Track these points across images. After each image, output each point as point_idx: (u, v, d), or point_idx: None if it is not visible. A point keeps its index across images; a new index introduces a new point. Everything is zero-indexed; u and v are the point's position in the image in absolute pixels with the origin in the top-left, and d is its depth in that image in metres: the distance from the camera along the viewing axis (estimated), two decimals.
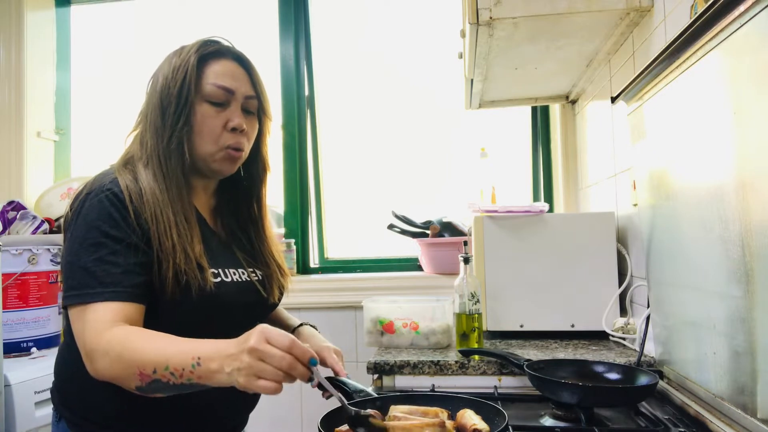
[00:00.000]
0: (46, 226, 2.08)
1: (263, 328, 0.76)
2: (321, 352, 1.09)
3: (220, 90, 1.01)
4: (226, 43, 1.07)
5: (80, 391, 0.98)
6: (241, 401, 1.08)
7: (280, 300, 1.16)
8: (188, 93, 0.99)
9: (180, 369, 0.79)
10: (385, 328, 1.54)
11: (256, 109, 1.08)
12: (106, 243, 0.90)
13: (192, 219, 1.00)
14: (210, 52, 1.03)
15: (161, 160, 0.99)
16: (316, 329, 1.23)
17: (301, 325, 1.23)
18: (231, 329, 1.04)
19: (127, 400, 0.95)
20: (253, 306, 1.09)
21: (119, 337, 0.83)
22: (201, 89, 1.01)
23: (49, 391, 1.08)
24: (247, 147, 1.07)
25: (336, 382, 1.06)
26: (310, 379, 0.77)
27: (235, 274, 1.05)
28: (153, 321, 0.91)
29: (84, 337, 0.86)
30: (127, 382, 0.83)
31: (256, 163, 1.13)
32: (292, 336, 0.76)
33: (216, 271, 1.00)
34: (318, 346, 1.11)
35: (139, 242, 0.92)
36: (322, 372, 1.10)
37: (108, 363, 0.83)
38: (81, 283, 0.88)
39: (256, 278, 1.10)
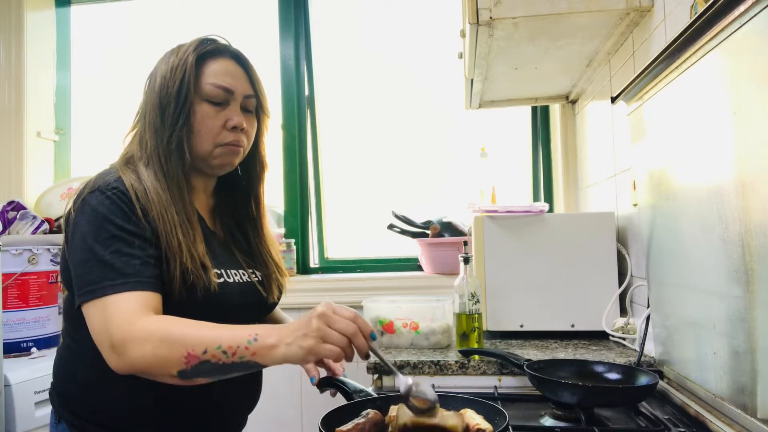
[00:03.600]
0: (46, 226, 2.08)
1: (329, 302, 0.82)
2: None
3: (220, 90, 1.01)
4: (223, 42, 1.07)
5: (81, 392, 0.98)
6: (241, 402, 1.08)
7: (279, 300, 1.16)
8: (187, 92, 0.99)
9: (234, 346, 0.80)
10: (385, 328, 1.54)
11: (254, 108, 1.08)
12: (122, 236, 0.89)
13: (194, 219, 1.00)
14: (208, 50, 1.03)
15: (162, 160, 0.99)
16: None
17: None
18: None
19: (128, 402, 0.95)
20: (254, 306, 1.09)
21: (158, 323, 0.83)
22: (200, 89, 1.01)
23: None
24: (247, 144, 1.07)
25: (335, 382, 1.06)
26: (366, 356, 0.81)
27: (236, 275, 1.05)
28: None
29: (110, 330, 0.82)
30: (167, 368, 0.81)
31: (254, 161, 1.13)
32: (355, 310, 0.82)
33: (219, 272, 1.00)
34: None
35: (151, 237, 0.92)
36: (321, 373, 1.10)
37: (149, 349, 0.80)
38: (100, 276, 0.86)
39: (257, 279, 1.10)
